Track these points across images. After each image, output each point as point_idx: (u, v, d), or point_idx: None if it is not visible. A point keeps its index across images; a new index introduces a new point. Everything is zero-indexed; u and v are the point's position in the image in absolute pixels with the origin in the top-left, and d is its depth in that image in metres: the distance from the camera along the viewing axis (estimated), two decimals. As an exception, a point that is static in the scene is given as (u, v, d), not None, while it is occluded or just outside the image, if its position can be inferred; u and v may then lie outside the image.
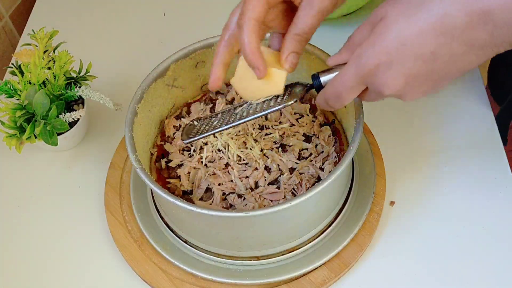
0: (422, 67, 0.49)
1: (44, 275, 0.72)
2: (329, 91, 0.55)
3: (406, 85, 0.50)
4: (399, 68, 0.49)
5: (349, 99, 0.55)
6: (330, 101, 0.56)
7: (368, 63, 0.50)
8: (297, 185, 0.67)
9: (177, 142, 0.73)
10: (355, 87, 0.53)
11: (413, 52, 0.48)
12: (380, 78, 0.50)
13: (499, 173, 0.75)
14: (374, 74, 0.50)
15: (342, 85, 0.53)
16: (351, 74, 0.52)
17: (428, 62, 0.48)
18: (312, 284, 0.67)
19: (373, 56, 0.49)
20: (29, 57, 0.76)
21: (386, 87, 0.51)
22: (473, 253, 0.69)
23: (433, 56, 0.48)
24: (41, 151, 0.83)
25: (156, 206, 0.73)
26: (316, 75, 0.57)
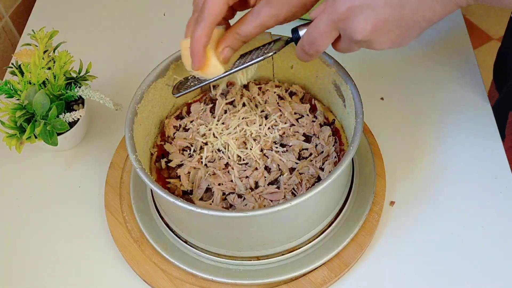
0: (391, 13, 0.52)
1: (44, 275, 0.72)
2: (305, 38, 0.58)
3: (375, 30, 0.53)
4: (369, 12, 0.52)
5: (323, 45, 0.57)
6: (306, 48, 0.58)
7: (340, 7, 0.53)
8: (297, 185, 0.67)
9: (177, 142, 0.73)
10: (328, 32, 0.55)
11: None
12: (351, 22, 0.53)
13: (499, 173, 0.75)
14: (346, 18, 0.53)
15: (316, 30, 0.56)
16: (324, 19, 0.55)
17: (397, 8, 0.51)
18: (312, 284, 0.67)
19: (344, 1, 0.53)
20: (29, 57, 0.76)
21: (356, 31, 0.53)
22: (473, 253, 0.69)
23: (401, 2, 0.51)
24: (41, 151, 0.83)
25: (156, 206, 0.73)
26: (295, 29, 0.60)
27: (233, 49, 0.60)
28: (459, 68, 0.88)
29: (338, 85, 0.69)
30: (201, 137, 0.71)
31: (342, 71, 0.67)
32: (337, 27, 0.55)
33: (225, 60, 0.61)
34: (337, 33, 0.56)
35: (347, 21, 0.53)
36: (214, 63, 0.60)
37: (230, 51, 0.60)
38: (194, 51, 0.59)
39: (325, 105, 0.76)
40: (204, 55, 0.59)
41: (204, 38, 0.58)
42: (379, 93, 0.86)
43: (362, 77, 0.76)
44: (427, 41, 0.93)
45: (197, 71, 0.61)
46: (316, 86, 0.75)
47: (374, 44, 0.55)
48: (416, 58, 0.91)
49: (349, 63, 0.70)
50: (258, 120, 0.72)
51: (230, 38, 0.60)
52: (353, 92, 0.65)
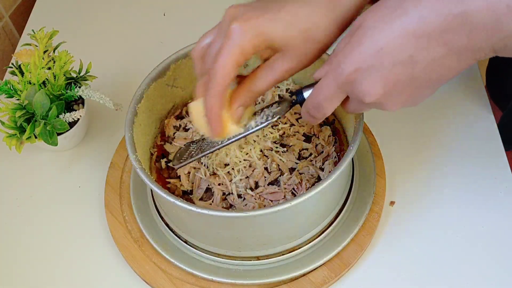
0: (401, 73, 0.48)
1: (44, 275, 0.72)
2: (310, 101, 0.55)
3: (385, 92, 0.49)
4: (377, 74, 0.48)
5: (329, 109, 0.54)
6: (311, 111, 0.55)
7: (346, 71, 0.49)
8: (297, 185, 0.67)
9: (177, 142, 0.73)
10: (334, 96, 0.52)
11: (391, 57, 0.47)
12: (359, 85, 0.49)
13: (499, 173, 0.75)
14: (353, 82, 0.50)
15: (321, 94, 0.53)
16: (329, 83, 0.51)
17: (407, 67, 0.47)
18: (312, 284, 0.67)
19: (351, 63, 0.49)
20: (29, 57, 0.76)
21: (366, 94, 0.49)
22: (473, 253, 0.69)
23: (411, 60, 0.47)
24: (41, 151, 0.83)
25: (156, 206, 0.73)
26: (300, 91, 0.58)
27: (245, 107, 0.58)
28: (459, 68, 0.88)
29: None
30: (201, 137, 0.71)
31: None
32: (344, 91, 0.52)
33: (238, 119, 0.58)
34: (344, 95, 0.52)
35: (354, 84, 0.50)
36: (230, 127, 0.57)
37: (243, 110, 0.57)
38: (212, 120, 0.55)
39: (325, 105, 0.76)
40: (221, 121, 0.56)
41: (219, 105, 0.54)
42: (379, 93, 0.86)
43: (362, 77, 0.76)
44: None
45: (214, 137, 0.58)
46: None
47: (385, 106, 0.51)
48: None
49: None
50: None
51: (243, 96, 0.56)
52: (353, 92, 0.65)
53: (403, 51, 0.47)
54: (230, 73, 0.53)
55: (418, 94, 0.51)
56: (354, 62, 0.49)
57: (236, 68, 0.53)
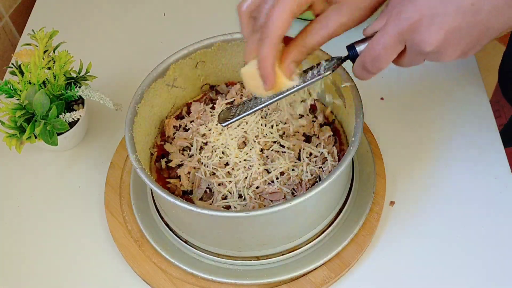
0: (464, 20, 0.48)
1: (44, 275, 0.72)
2: (367, 53, 0.53)
3: (447, 40, 0.49)
4: (441, 21, 0.48)
5: (387, 61, 0.53)
6: (368, 64, 0.54)
7: (410, 18, 0.49)
8: (297, 185, 0.67)
9: (177, 142, 0.73)
10: (394, 47, 0.52)
11: (454, 5, 0.48)
12: (422, 33, 0.49)
13: (499, 173, 0.75)
14: (415, 29, 0.49)
15: (382, 44, 0.52)
16: (391, 32, 0.51)
17: (469, 14, 0.48)
18: (312, 284, 0.67)
19: (415, 10, 0.49)
20: (29, 57, 0.76)
21: (427, 43, 0.49)
22: (473, 253, 0.69)
23: (473, 7, 0.48)
24: (41, 151, 0.83)
25: (156, 206, 0.73)
26: (352, 45, 0.56)
27: (298, 63, 0.57)
28: (459, 68, 0.88)
29: (338, 85, 0.69)
30: (201, 137, 0.71)
31: (342, 71, 0.67)
32: (404, 39, 0.51)
33: (290, 75, 0.57)
34: (403, 46, 0.52)
35: (416, 32, 0.49)
36: (282, 80, 0.56)
37: (295, 65, 0.57)
38: (265, 72, 0.55)
39: (325, 105, 0.76)
40: (275, 73, 0.55)
41: (273, 55, 0.54)
42: (379, 93, 0.86)
43: (362, 77, 0.76)
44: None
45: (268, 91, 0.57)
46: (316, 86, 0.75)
47: (443, 56, 0.51)
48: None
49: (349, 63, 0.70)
50: (258, 120, 0.72)
51: (296, 51, 0.56)
52: (353, 92, 0.65)
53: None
54: (286, 24, 0.53)
55: (476, 43, 0.51)
56: (417, 9, 0.49)
57: (291, 19, 0.53)
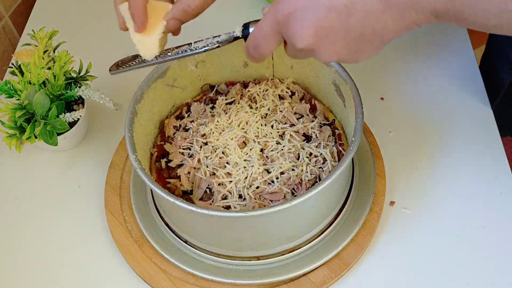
0: (335, 20, 0.46)
1: (44, 275, 0.72)
2: (249, 39, 0.54)
3: (318, 37, 0.48)
4: (311, 16, 0.47)
5: (267, 49, 0.53)
6: (250, 50, 0.54)
7: (283, 9, 0.49)
8: (297, 185, 0.67)
9: (177, 142, 0.73)
10: (271, 36, 0.51)
11: (327, 2, 0.46)
12: (293, 26, 0.48)
13: (499, 173, 0.75)
14: (288, 22, 0.49)
15: (260, 32, 0.52)
16: (267, 21, 0.51)
17: (341, 15, 0.46)
18: (312, 284, 0.67)
19: (288, 2, 0.48)
20: (29, 57, 0.76)
21: (298, 37, 0.48)
22: (473, 253, 0.69)
23: (346, 9, 0.46)
24: (41, 151, 0.83)
25: (156, 206, 0.73)
26: (246, 24, 0.57)
27: (180, 22, 0.58)
28: (459, 68, 0.88)
29: (338, 85, 0.69)
30: (201, 137, 0.71)
31: (342, 71, 0.67)
32: (280, 31, 0.51)
33: (170, 30, 0.58)
34: (280, 36, 0.52)
35: (288, 25, 0.49)
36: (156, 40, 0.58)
37: (177, 23, 0.58)
38: (135, 10, 0.56)
39: (325, 105, 0.76)
40: (145, 13, 0.56)
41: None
42: (379, 93, 0.86)
43: (362, 77, 0.76)
44: (427, 41, 0.93)
45: (141, 33, 0.58)
46: (316, 86, 0.75)
47: (318, 54, 0.50)
48: (416, 58, 0.91)
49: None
50: (258, 120, 0.72)
51: (177, 9, 0.57)
52: (353, 92, 0.65)
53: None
54: None
55: (354, 49, 0.49)
56: (292, 1, 0.48)
57: None
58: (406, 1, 0.44)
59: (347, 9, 0.46)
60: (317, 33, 0.48)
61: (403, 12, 0.45)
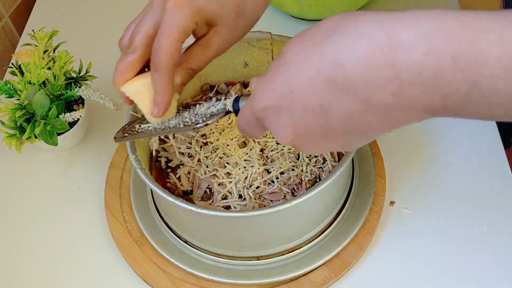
0: (313, 121, 0.42)
1: (44, 275, 0.72)
2: (238, 121, 0.51)
3: (297, 137, 0.44)
4: (287, 117, 0.43)
5: (254, 135, 0.50)
6: (241, 129, 0.52)
7: (259, 104, 0.45)
8: (297, 185, 0.67)
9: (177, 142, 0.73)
10: (255, 126, 0.48)
11: (301, 102, 0.41)
12: (271, 124, 0.45)
13: (499, 173, 0.75)
14: (265, 118, 0.45)
15: (243, 120, 0.49)
16: (247, 112, 0.48)
17: (319, 116, 0.41)
18: (312, 284, 0.67)
19: (263, 97, 0.44)
20: (29, 57, 0.76)
21: (278, 136, 0.45)
22: (473, 253, 0.69)
23: (323, 110, 0.41)
24: (41, 151, 0.83)
25: (156, 206, 0.73)
26: (237, 98, 0.54)
27: (184, 84, 0.58)
28: (459, 68, 0.88)
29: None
30: (201, 137, 0.71)
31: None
32: (261, 124, 0.47)
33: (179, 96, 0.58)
34: (265, 127, 0.48)
35: (266, 122, 0.45)
36: (173, 106, 0.57)
37: (182, 88, 0.58)
38: (163, 102, 0.54)
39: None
40: (170, 99, 0.55)
41: (171, 85, 0.53)
42: (379, 93, 0.86)
43: (362, 77, 0.76)
44: (427, 41, 0.92)
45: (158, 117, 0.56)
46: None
47: (303, 149, 0.46)
48: (416, 58, 0.90)
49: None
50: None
51: (183, 75, 0.57)
52: (353, 92, 0.65)
53: (313, 98, 0.41)
54: (177, 53, 0.53)
55: (344, 142, 0.44)
56: (266, 97, 0.44)
57: (180, 46, 0.53)
58: (390, 103, 0.38)
59: (323, 109, 0.41)
60: (296, 133, 0.44)
61: (389, 113, 0.39)
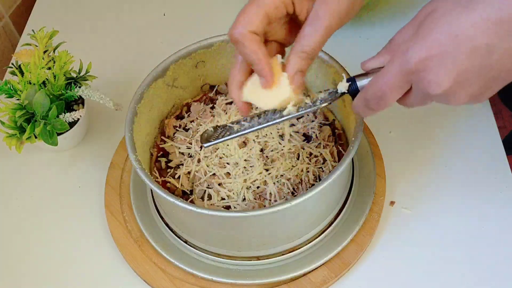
0: (476, 61, 0.45)
1: (44, 275, 0.72)
2: (371, 91, 0.51)
3: (456, 82, 0.46)
4: (451, 61, 0.45)
5: (392, 100, 0.51)
6: (371, 103, 0.51)
7: (416, 57, 0.46)
8: (297, 185, 0.67)
9: (177, 142, 0.73)
10: (400, 86, 0.49)
11: (467, 44, 0.44)
12: (429, 73, 0.46)
13: (499, 173, 0.75)
14: (423, 69, 0.46)
15: (386, 83, 0.49)
16: (396, 71, 0.48)
17: (483, 55, 0.45)
18: (312, 284, 0.67)
19: (422, 49, 0.46)
20: (29, 57, 0.76)
21: (435, 85, 0.46)
22: (473, 253, 0.69)
23: (487, 48, 0.44)
24: (41, 151, 0.83)
25: (156, 206, 0.73)
26: (353, 79, 0.54)
27: (303, 72, 0.55)
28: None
29: (338, 85, 0.69)
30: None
31: (342, 71, 0.67)
32: (410, 80, 0.48)
33: (299, 86, 0.55)
34: (409, 85, 0.49)
35: (424, 72, 0.46)
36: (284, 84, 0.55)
37: (301, 76, 0.55)
38: (263, 70, 0.54)
39: (325, 105, 0.76)
40: (267, 61, 0.54)
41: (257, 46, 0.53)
42: (379, 93, 0.86)
43: (362, 77, 0.76)
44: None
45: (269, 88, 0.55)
46: (316, 86, 0.75)
47: (451, 100, 0.48)
48: (416, 58, 0.90)
49: (349, 63, 0.70)
50: (258, 120, 0.72)
51: (295, 61, 0.54)
52: (353, 92, 0.65)
53: (480, 38, 0.44)
54: (259, 20, 0.52)
55: (488, 87, 0.47)
56: (426, 48, 0.46)
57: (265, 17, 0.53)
58: None
59: (488, 48, 0.44)
60: (457, 78, 0.46)
61: None
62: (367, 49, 0.57)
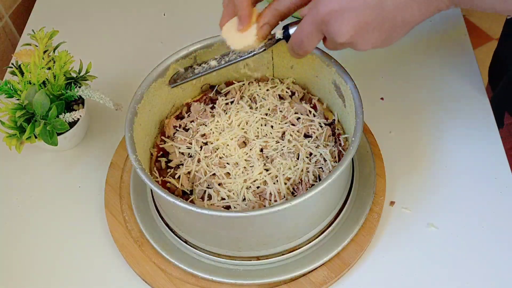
0: (371, 15, 0.54)
1: (44, 275, 0.72)
2: (293, 38, 0.61)
3: (356, 32, 0.55)
4: (350, 15, 0.54)
5: (310, 46, 0.60)
6: (295, 48, 0.61)
7: (321, 11, 0.55)
8: (297, 185, 0.67)
9: (177, 142, 0.73)
10: (314, 35, 0.58)
11: (361, 0, 0.54)
12: (333, 25, 0.55)
13: (499, 173, 0.75)
14: (327, 22, 0.55)
15: (302, 32, 0.59)
16: (308, 22, 0.58)
17: (375, 9, 0.54)
18: (312, 284, 0.67)
19: (325, 5, 0.55)
20: (29, 57, 0.76)
21: (339, 34, 0.55)
22: (473, 253, 0.69)
23: (380, 4, 0.53)
24: (41, 151, 0.83)
25: (156, 206, 0.73)
26: (286, 27, 0.63)
27: (271, 27, 0.63)
28: (459, 68, 0.88)
29: (338, 85, 0.69)
30: (201, 137, 0.71)
31: (342, 71, 0.67)
32: (320, 30, 0.57)
33: (263, 36, 0.63)
34: (322, 34, 0.58)
35: (328, 24, 0.56)
36: (252, 34, 0.63)
37: (268, 28, 0.63)
38: (244, 16, 0.62)
39: (325, 105, 0.76)
40: (249, 11, 0.62)
41: (247, 2, 0.61)
42: (379, 93, 0.86)
43: (362, 77, 0.76)
44: (427, 41, 0.93)
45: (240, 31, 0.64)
46: (316, 86, 0.75)
47: (357, 46, 0.57)
48: (416, 58, 0.91)
49: (349, 63, 0.70)
50: (258, 120, 0.72)
51: (268, 15, 0.62)
52: (353, 92, 0.65)
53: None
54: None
55: (387, 36, 0.56)
56: (329, 3, 0.55)
57: None
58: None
59: (380, 3, 0.53)
60: (355, 29, 0.55)
61: (429, 1, 0.54)
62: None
